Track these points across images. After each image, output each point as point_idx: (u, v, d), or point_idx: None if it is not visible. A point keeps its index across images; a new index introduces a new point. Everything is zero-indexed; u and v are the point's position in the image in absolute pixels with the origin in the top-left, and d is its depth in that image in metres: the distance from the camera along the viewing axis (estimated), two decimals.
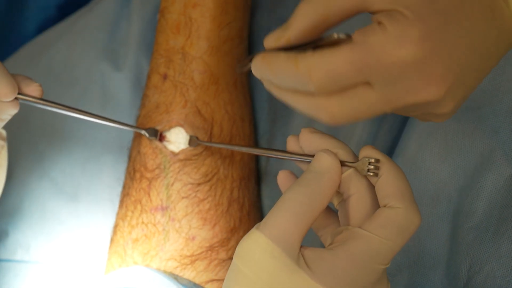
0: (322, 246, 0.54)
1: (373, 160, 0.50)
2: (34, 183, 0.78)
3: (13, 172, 0.79)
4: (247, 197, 0.71)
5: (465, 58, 0.55)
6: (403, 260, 0.66)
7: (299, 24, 0.54)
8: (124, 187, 0.70)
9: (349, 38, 0.52)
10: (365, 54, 0.52)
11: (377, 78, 0.52)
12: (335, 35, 0.52)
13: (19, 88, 0.60)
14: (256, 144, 0.75)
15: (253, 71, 0.55)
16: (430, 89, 0.53)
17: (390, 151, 0.69)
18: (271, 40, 0.55)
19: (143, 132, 0.67)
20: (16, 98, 0.59)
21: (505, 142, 0.62)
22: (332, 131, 0.73)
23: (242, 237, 0.53)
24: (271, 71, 0.54)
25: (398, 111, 0.58)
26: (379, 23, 0.52)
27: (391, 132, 0.70)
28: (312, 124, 0.75)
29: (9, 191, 0.78)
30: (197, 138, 0.66)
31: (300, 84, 0.53)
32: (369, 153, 0.51)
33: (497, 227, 0.62)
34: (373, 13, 0.54)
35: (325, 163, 0.50)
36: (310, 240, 0.72)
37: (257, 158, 0.75)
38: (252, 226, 0.49)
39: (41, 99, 0.61)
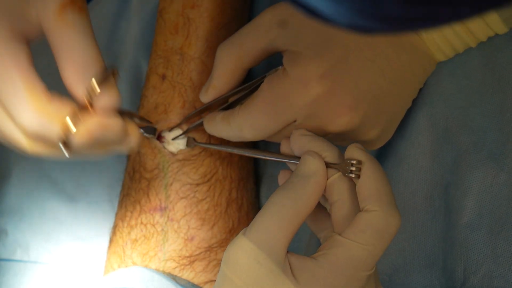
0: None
1: (355, 162, 0.50)
2: (33, 183, 0.78)
3: (12, 172, 0.79)
4: (246, 197, 0.71)
5: (376, 85, 0.58)
6: (399, 259, 0.66)
7: (219, 71, 0.62)
8: (123, 187, 0.70)
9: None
10: (274, 104, 0.57)
11: (294, 119, 0.57)
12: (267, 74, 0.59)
13: None
14: (255, 145, 0.75)
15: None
16: (341, 120, 0.57)
17: (382, 150, 0.70)
18: (202, 94, 0.64)
19: (140, 130, 0.67)
20: None
21: (493, 141, 0.62)
22: None
23: None
24: (215, 131, 0.62)
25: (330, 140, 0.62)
26: (284, 69, 0.57)
27: None
28: None
29: (9, 191, 0.78)
30: (194, 139, 0.67)
31: (238, 138, 0.61)
32: (352, 152, 0.51)
33: (490, 226, 0.62)
34: (282, 52, 0.59)
35: (310, 166, 0.50)
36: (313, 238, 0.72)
37: (255, 159, 0.75)
38: None
39: None
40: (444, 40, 0.59)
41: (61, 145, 0.48)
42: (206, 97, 0.63)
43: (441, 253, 0.65)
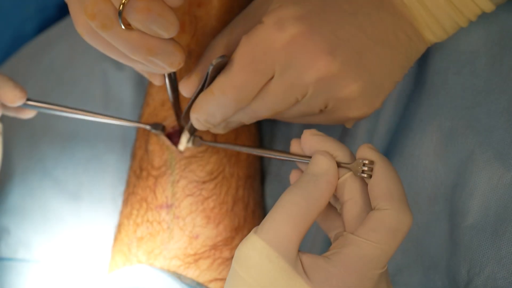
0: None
1: (367, 161, 0.50)
2: (36, 182, 0.78)
3: (15, 171, 0.78)
4: (252, 196, 0.70)
5: (355, 38, 0.56)
6: (402, 260, 0.66)
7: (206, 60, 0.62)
8: (128, 185, 0.70)
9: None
10: (251, 55, 0.55)
11: (272, 70, 0.55)
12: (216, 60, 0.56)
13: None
14: (261, 143, 0.75)
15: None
16: (319, 64, 0.55)
17: (387, 150, 0.70)
18: (184, 84, 0.62)
19: (147, 127, 0.67)
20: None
21: (499, 141, 0.62)
22: (331, 133, 0.73)
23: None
24: (201, 108, 0.59)
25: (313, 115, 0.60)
26: (261, 22, 0.56)
27: (389, 131, 0.70)
28: (312, 125, 0.75)
29: (11, 190, 0.78)
30: (201, 138, 0.67)
31: (224, 107, 0.57)
32: (364, 153, 0.51)
33: (495, 227, 0.62)
34: None
35: (322, 165, 0.50)
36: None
37: (261, 157, 0.75)
38: (257, 225, 0.49)
39: (46, 102, 0.62)
40: (430, 16, 0.58)
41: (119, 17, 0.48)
42: (188, 86, 0.62)
43: (444, 254, 0.65)
